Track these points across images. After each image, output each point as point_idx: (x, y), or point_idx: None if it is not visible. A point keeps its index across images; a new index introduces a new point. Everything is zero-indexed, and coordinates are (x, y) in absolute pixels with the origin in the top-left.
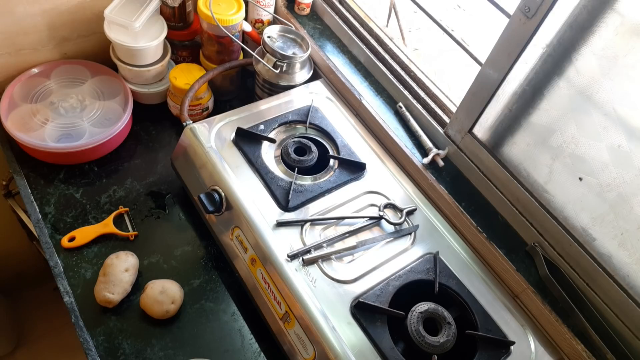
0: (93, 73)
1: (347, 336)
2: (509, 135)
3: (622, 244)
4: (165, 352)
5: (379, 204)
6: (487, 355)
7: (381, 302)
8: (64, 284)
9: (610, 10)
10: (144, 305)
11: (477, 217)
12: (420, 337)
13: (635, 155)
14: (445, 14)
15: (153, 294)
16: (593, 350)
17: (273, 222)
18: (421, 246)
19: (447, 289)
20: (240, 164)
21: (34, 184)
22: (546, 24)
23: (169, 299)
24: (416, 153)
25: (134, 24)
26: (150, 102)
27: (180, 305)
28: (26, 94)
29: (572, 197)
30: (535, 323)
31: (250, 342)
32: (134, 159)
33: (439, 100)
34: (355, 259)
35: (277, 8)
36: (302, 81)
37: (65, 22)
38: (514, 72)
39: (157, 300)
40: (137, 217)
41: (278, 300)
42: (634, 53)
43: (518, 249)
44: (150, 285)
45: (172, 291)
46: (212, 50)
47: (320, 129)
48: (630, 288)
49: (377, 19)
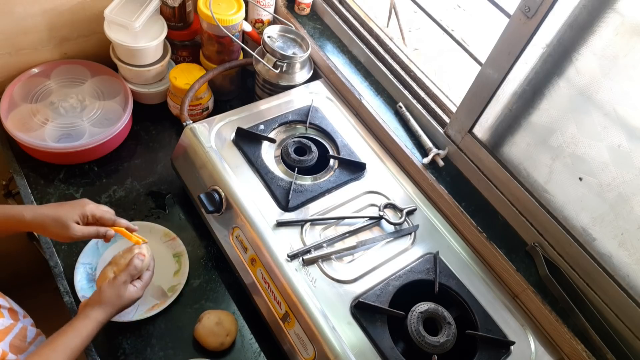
0: (93, 73)
1: (347, 336)
2: (509, 135)
3: (622, 244)
4: (165, 352)
5: (379, 204)
6: (487, 355)
7: (381, 302)
8: (63, 284)
9: (610, 10)
10: (199, 336)
11: (477, 217)
12: (420, 337)
13: (635, 155)
14: (445, 14)
15: (209, 324)
16: (593, 350)
17: (273, 222)
18: (421, 246)
19: (447, 289)
20: (240, 164)
21: (34, 184)
22: (546, 24)
23: (224, 331)
24: (416, 153)
25: (134, 24)
26: (150, 102)
27: (235, 337)
28: (26, 94)
29: (572, 197)
30: (535, 323)
31: (250, 342)
32: (134, 159)
33: (439, 100)
34: (355, 259)
35: (277, 8)
36: (302, 81)
37: (65, 22)
38: (514, 72)
39: (213, 332)
40: (137, 217)
41: (278, 300)
42: (634, 53)
43: (518, 249)
44: (206, 315)
45: (227, 323)
46: (212, 50)
47: (320, 129)
48: (630, 288)
49: (377, 19)
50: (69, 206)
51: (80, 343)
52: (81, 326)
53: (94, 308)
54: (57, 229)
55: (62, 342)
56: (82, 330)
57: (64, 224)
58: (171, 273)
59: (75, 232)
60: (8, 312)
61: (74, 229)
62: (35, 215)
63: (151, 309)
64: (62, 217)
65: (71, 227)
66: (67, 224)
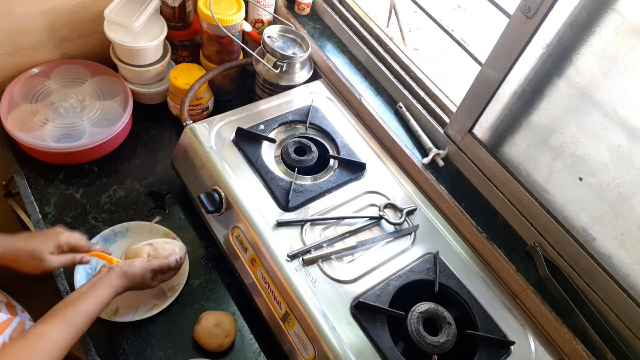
0: (93, 73)
1: (347, 336)
2: (509, 135)
3: (622, 244)
4: (165, 352)
5: (379, 204)
6: (487, 355)
7: (381, 302)
8: (63, 284)
9: (610, 10)
10: (198, 337)
11: (477, 217)
12: (420, 337)
13: (635, 155)
14: (445, 14)
15: (208, 326)
16: (593, 350)
17: (273, 222)
18: (421, 246)
19: (447, 289)
20: (240, 164)
21: (34, 184)
22: (546, 24)
23: (223, 332)
24: (416, 153)
25: (134, 24)
26: (150, 102)
27: (234, 338)
28: (26, 94)
29: (572, 197)
30: (535, 323)
31: (250, 342)
32: (134, 159)
33: (439, 100)
34: (355, 259)
35: (277, 8)
36: (302, 81)
37: (65, 22)
38: (514, 72)
39: (212, 333)
40: (137, 217)
41: (278, 300)
42: (634, 53)
43: (518, 249)
44: (205, 316)
45: (226, 324)
46: (212, 50)
47: (320, 129)
48: (630, 288)
49: (377, 19)
50: (42, 237)
51: (100, 309)
52: (103, 293)
53: (118, 278)
54: (32, 263)
55: (86, 307)
56: (103, 297)
57: (39, 257)
58: None
59: (50, 264)
60: (5, 307)
61: (49, 261)
62: (6, 249)
63: (151, 309)
64: (37, 250)
65: (47, 260)
66: (42, 257)
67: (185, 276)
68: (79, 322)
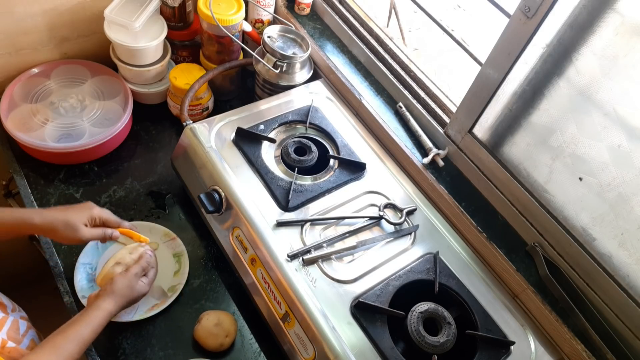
0: (93, 73)
1: (347, 336)
2: (509, 135)
3: (622, 244)
4: (165, 352)
5: (379, 204)
6: (487, 355)
7: (381, 302)
8: (64, 284)
9: (610, 10)
10: (198, 337)
11: (477, 217)
12: (420, 337)
13: (635, 155)
14: (445, 14)
15: (208, 326)
16: (593, 350)
17: (273, 222)
18: (421, 246)
19: (447, 289)
20: (240, 164)
21: (34, 184)
22: (546, 24)
23: (223, 332)
24: (416, 153)
25: (134, 24)
26: (150, 102)
27: (234, 338)
28: (26, 94)
29: (572, 197)
30: (535, 323)
31: (250, 342)
32: (134, 159)
33: (439, 100)
34: (355, 259)
35: (277, 8)
36: (302, 81)
37: (65, 22)
38: (514, 72)
39: (212, 333)
40: (137, 217)
41: (278, 300)
42: (634, 53)
43: (518, 249)
44: (205, 316)
45: (227, 324)
46: (212, 50)
47: (320, 129)
48: (630, 288)
49: (377, 19)
50: (77, 209)
51: (92, 333)
52: (93, 317)
53: (105, 299)
54: (67, 232)
55: (74, 332)
56: (93, 320)
57: (74, 227)
58: (171, 273)
59: (84, 235)
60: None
61: (83, 232)
62: (44, 219)
63: (151, 309)
64: (72, 220)
65: (81, 230)
66: (77, 227)
67: (185, 276)
68: (70, 348)
